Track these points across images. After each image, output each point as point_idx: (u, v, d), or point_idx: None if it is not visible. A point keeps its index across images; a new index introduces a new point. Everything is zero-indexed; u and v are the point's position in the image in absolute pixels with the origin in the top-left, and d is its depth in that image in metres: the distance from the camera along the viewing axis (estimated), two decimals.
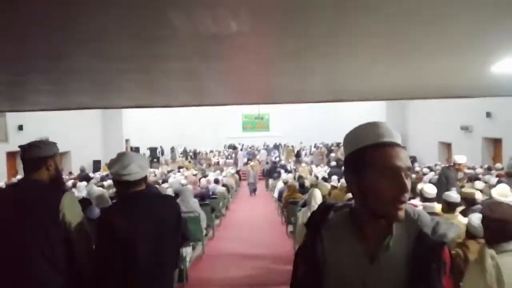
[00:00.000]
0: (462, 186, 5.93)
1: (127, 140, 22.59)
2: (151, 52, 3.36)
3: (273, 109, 25.82)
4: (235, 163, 21.62)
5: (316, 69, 4.41)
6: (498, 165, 9.46)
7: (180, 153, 24.54)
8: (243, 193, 15.29)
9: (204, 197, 7.63)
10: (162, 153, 23.92)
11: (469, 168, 10.60)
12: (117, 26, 2.55)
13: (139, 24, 2.54)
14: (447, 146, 17.24)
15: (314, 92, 6.55)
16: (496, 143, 13.76)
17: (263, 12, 2.42)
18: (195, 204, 6.12)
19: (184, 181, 9.43)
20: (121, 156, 2.05)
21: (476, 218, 2.63)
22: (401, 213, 0.98)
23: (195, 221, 5.92)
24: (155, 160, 21.53)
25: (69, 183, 9.95)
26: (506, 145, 12.83)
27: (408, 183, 0.98)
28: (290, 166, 18.56)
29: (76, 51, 3.17)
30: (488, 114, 13.54)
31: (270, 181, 14.89)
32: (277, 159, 21.29)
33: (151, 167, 20.10)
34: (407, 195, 0.97)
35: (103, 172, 16.64)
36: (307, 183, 8.47)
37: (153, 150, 22.60)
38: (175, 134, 25.72)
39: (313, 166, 16.37)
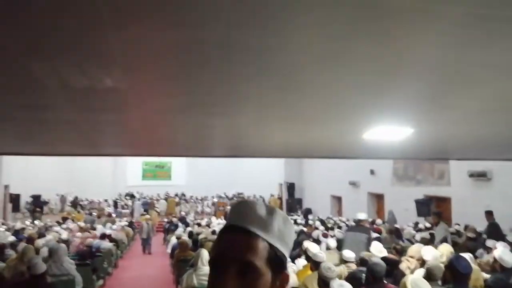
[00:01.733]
0: None
1: (6, 186, 19.90)
2: (21, 102, 3.04)
3: (175, 158, 25.32)
4: (131, 214, 20.33)
5: (208, 125, 4.40)
6: (378, 221, 10.32)
7: (70, 202, 22.34)
8: (137, 248, 14.20)
9: (85, 256, 6.86)
10: (45, 203, 21.42)
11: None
12: None
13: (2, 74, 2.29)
14: (338, 199, 18.48)
15: (211, 147, 6.54)
16: (379, 198, 15.14)
17: (141, 71, 2.34)
18: (69, 266, 5.45)
19: (64, 236, 8.47)
20: None
21: (337, 284, 2.72)
22: None
23: (68, 285, 5.24)
24: (37, 209, 19.18)
25: None
26: (387, 200, 14.19)
27: (233, 283, 0.74)
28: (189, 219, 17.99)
29: None
30: (372, 172, 14.96)
31: (169, 235, 14.12)
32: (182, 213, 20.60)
33: (33, 218, 17.86)
34: None
35: None
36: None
37: (36, 198, 20.19)
38: (66, 181, 23.50)
39: (213, 218, 16.09)
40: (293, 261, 5.19)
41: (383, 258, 4.70)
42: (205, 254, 4.51)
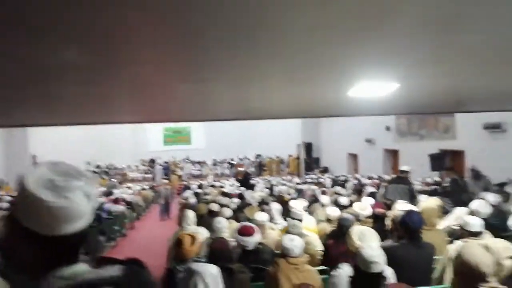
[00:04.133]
0: None
1: (33, 156, 20.83)
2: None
3: (193, 123, 25.59)
4: (154, 179, 20.97)
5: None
6: (387, 176, 10.21)
7: (94, 168, 23.23)
8: (158, 211, 14.69)
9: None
10: None
11: (355, 179, 11.30)
12: None
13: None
14: (354, 157, 18.32)
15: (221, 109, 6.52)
16: (394, 154, 14.90)
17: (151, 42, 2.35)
18: None
19: None
20: None
21: (287, 239, 2.72)
22: None
23: None
24: None
25: None
26: (402, 156, 13.96)
27: None
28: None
29: None
30: (388, 128, 14.62)
31: None
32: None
33: None
34: None
35: (2, 192, 15.14)
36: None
37: None
38: (91, 148, 24.30)
39: (231, 180, 16.38)
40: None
41: (374, 212, 4.69)
42: (190, 214, 4.61)
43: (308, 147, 22.24)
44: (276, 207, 5.11)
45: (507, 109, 7.42)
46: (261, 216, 3.90)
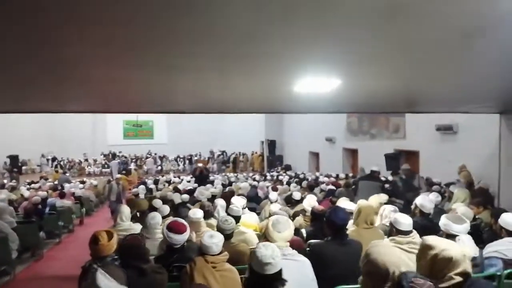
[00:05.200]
0: None
1: None
2: None
3: (156, 117, 25.02)
4: (111, 174, 20.26)
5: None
6: (342, 175, 10.27)
7: (48, 162, 22.21)
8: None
9: (30, 214, 6.76)
10: (23, 163, 21.24)
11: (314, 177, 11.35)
12: None
13: None
14: (316, 156, 18.45)
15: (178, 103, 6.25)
16: (353, 153, 15.09)
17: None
18: (3, 224, 5.34)
19: (17, 196, 8.35)
20: None
21: (207, 236, 2.56)
22: None
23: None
24: (15, 170, 19.03)
25: None
26: (361, 155, 14.15)
27: None
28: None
29: None
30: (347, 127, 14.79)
31: None
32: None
33: (11, 178, 17.76)
34: None
35: None
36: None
37: (13, 158, 19.97)
38: (46, 140, 23.21)
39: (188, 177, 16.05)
40: None
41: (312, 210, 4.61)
42: (125, 210, 4.37)
43: (272, 144, 22.24)
44: (221, 203, 4.94)
45: (456, 111, 7.61)
46: (195, 213, 3.71)
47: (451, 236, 2.66)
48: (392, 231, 2.75)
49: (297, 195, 5.91)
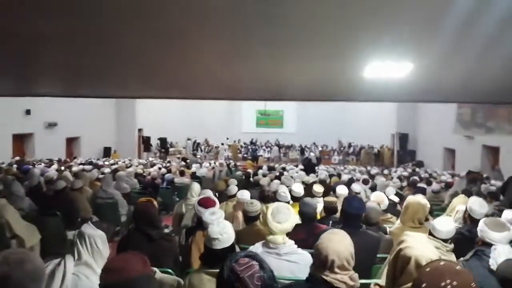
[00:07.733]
0: None
1: (140, 130, 23.25)
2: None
3: (286, 106, 25.74)
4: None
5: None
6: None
7: (191, 145, 24.98)
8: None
9: (146, 186, 7.83)
10: (171, 145, 24.33)
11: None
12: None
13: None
14: (452, 152, 16.41)
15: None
16: (494, 151, 12.99)
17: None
18: (115, 192, 6.33)
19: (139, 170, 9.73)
20: None
21: (207, 213, 2.60)
22: None
23: (111, 206, 6.16)
24: (163, 150, 22.08)
25: (75, 168, 9.86)
26: (503, 153, 12.13)
27: None
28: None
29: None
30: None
31: None
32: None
33: (160, 157, 20.72)
34: None
35: (112, 159, 17.25)
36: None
37: (162, 141, 23.13)
38: (190, 126, 26.05)
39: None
40: None
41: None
42: (195, 187, 4.74)
43: (403, 138, 20.57)
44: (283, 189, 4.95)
45: None
46: (243, 194, 3.86)
47: (487, 245, 2.14)
48: None
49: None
